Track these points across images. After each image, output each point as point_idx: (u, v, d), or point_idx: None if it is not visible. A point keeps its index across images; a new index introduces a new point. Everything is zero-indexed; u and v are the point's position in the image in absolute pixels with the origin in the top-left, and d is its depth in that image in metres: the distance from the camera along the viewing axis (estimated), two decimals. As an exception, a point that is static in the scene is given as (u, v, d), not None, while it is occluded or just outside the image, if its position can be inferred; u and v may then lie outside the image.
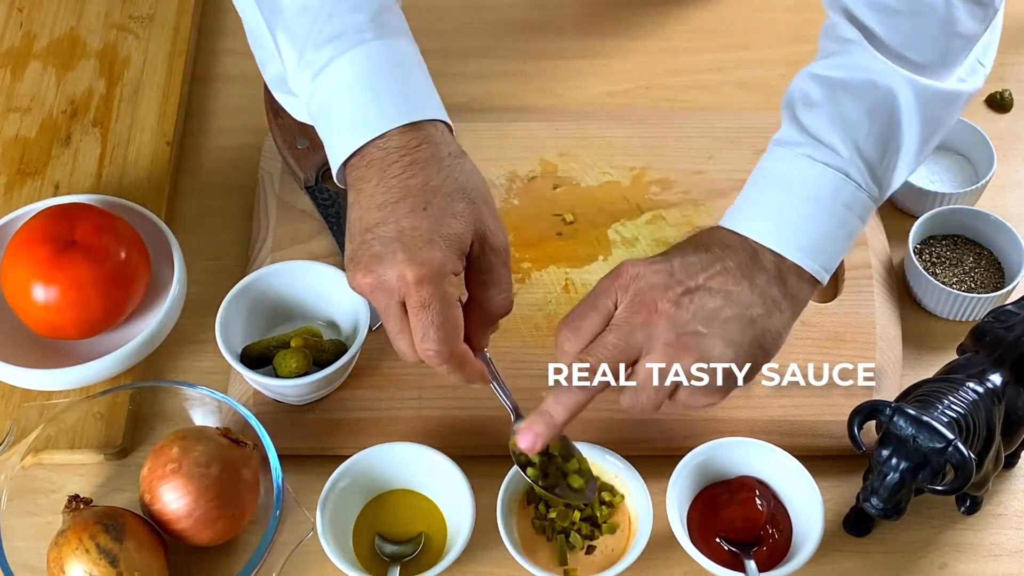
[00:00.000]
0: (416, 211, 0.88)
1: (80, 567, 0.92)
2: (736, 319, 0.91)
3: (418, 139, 0.90)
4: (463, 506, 0.99)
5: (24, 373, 1.05)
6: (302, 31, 0.93)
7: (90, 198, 1.14)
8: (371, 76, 0.91)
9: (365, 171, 0.91)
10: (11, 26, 1.34)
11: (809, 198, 0.93)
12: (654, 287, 0.91)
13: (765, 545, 0.99)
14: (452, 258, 0.89)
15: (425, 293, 0.87)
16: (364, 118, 0.91)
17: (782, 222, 0.93)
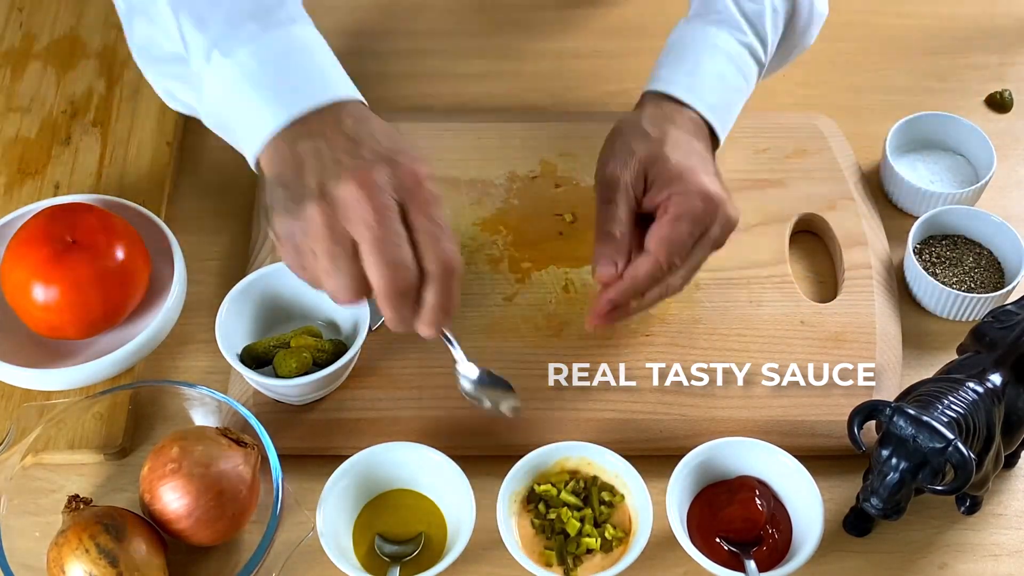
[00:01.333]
0: (351, 148, 0.88)
1: (80, 567, 0.92)
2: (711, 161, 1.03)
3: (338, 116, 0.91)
4: (463, 506, 0.99)
5: (24, 373, 1.05)
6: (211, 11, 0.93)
7: (90, 198, 1.14)
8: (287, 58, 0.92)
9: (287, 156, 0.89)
10: (11, 26, 1.34)
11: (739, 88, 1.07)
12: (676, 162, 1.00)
13: (765, 545, 0.99)
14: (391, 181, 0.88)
15: (377, 204, 0.86)
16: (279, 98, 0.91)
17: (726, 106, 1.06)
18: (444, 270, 0.88)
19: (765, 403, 1.07)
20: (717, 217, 1.00)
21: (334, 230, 0.86)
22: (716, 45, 1.07)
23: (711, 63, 1.06)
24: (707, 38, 1.07)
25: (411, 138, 1.22)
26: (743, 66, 1.08)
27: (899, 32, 1.39)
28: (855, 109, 1.31)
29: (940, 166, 1.24)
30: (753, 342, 1.10)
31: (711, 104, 1.05)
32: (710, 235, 1.01)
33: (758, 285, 1.14)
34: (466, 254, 1.16)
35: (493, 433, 1.06)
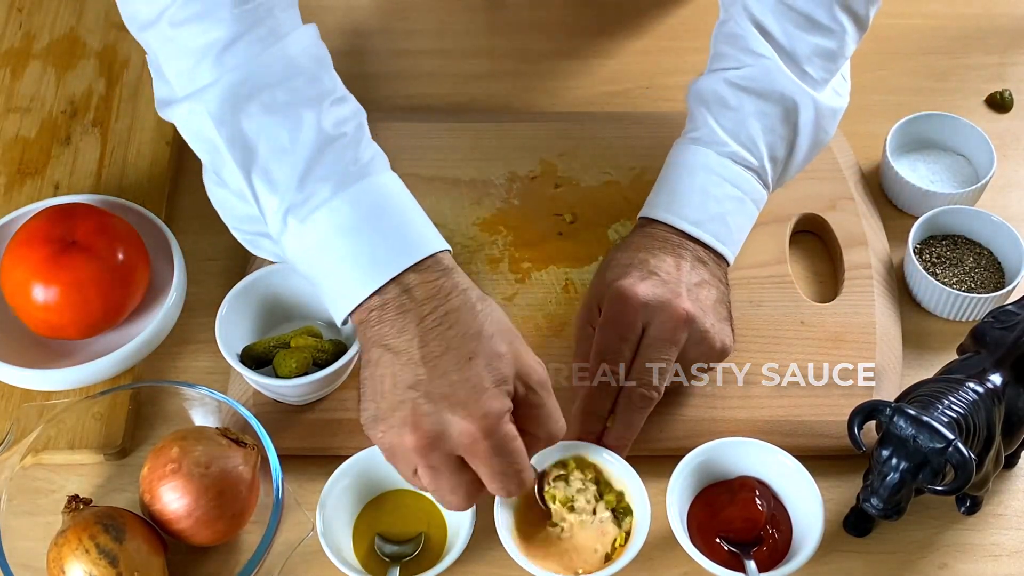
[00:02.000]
0: (462, 363, 0.87)
1: (80, 567, 0.92)
2: (719, 300, 1.05)
3: (444, 285, 0.89)
4: (463, 506, 0.99)
5: (24, 373, 1.05)
6: (283, 173, 0.91)
7: (90, 198, 1.14)
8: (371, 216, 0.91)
9: (392, 321, 0.89)
10: (11, 26, 1.34)
11: (732, 197, 1.06)
12: (670, 299, 1.01)
13: (765, 545, 0.99)
14: (506, 401, 0.87)
15: (496, 440, 0.86)
16: (374, 259, 0.89)
17: (713, 218, 1.05)
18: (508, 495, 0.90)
19: (765, 403, 1.07)
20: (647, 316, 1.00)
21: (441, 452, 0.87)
22: (696, 162, 1.06)
23: (690, 179, 1.06)
24: (687, 156, 1.07)
25: (411, 138, 1.22)
26: (730, 176, 1.06)
27: (899, 32, 1.39)
28: (855, 109, 1.31)
29: (940, 166, 1.24)
30: (753, 342, 1.10)
31: (695, 220, 1.05)
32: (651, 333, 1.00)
33: (758, 285, 1.14)
34: (466, 254, 1.16)
35: (493, 433, 1.06)
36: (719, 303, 1.04)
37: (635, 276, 1.02)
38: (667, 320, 1.00)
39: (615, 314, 1.01)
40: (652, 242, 1.05)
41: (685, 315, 1.00)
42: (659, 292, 1.01)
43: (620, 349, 1.00)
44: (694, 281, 1.03)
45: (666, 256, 1.04)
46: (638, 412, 1.01)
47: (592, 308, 1.04)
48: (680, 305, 1.00)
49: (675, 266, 1.03)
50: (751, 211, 1.07)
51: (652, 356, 1.01)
